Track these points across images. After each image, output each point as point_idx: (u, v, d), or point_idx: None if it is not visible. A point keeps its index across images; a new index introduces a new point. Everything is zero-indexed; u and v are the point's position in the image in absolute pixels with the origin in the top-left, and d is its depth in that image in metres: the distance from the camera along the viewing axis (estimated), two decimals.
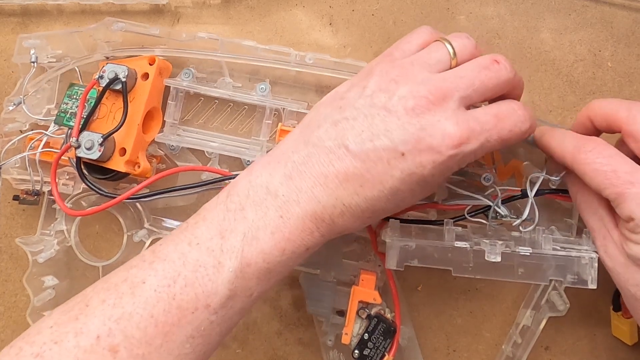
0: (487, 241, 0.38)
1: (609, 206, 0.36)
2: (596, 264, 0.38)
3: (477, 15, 0.45)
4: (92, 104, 0.43)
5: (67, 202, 0.46)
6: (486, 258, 0.38)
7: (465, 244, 0.39)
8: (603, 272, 0.38)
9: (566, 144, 0.36)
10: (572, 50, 0.45)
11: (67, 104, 0.45)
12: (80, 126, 0.42)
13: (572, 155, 0.36)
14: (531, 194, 0.40)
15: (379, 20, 0.46)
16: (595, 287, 0.38)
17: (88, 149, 0.42)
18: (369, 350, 0.43)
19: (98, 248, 0.49)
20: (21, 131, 0.47)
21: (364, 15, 0.46)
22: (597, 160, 0.34)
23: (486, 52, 0.44)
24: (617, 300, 0.43)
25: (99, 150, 0.42)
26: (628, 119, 0.35)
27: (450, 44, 0.36)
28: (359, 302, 0.43)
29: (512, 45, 0.45)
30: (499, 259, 0.38)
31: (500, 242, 0.38)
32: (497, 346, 0.46)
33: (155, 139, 0.45)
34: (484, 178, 0.43)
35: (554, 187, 0.41)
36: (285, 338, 0.48)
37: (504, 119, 0.34)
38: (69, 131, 0.44)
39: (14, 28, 0.49)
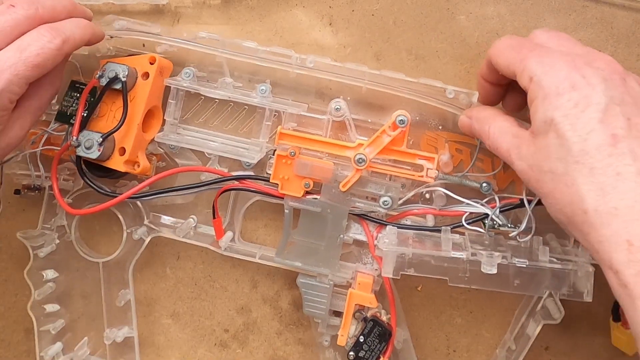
0: (484, 253, 0.38)
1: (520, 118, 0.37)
2: (592, 278, 0.38)
3: (477, 15, 0.45)
4: (92, 103, 0.43)
5: (68, 198, 0.47)
6: (482, 270, 0.38)
7: (462, 255, 0.39)
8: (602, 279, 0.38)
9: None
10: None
11: (67, 101, 0.45)
12: (79, 125, 0.42)
13: (491, 54, 0.37)
14: (529, 206, 0.39)
15: (379, 20, 0.45)
16: (590, 300, 0.38)
17: (87, 149, 0.42)
18: (364, 352, 0.43)
19: (98, 244, 0.49)
20: None
21: (364, 15, 0.46)
22: (506, 43, 0.37)
23: (486, 52, 0.44)
24: (616, 311, 0.43)
25: (99, 150, 0.42)
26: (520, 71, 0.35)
27: None
28: (356, 304, 0.44)
29: None
30: (494, 270, 0.38)
31: (496, 254, 0.38)
32: (497, 346, 0.46)
33: (155, 139, 0.45)
34: (483, 186, 0.42)
35: None
36: (285, 338, 0.48)
37: (27, 48, 0.36)
38: (70, 129, 0.44)
39: None
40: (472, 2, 0.45)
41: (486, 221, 0.41)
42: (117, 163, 0.43)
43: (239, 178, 0.45)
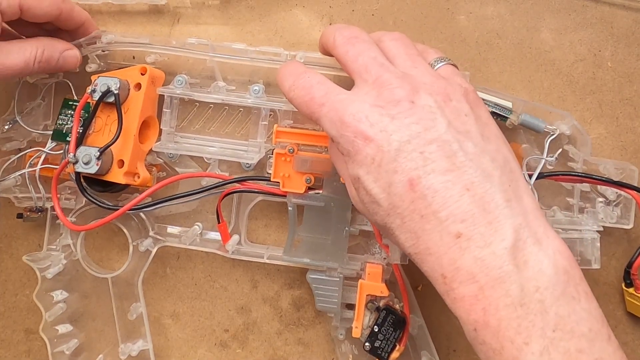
0: None
1: None
2: (598, 244, 0.38)
3: (477, 15, 0.45)
4: (87, 118, 0.43)
5: (71, 217, 0.47)
6: None
7: None
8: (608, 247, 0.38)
9: (284, 86, 0.37)
10: (572, 50, 0.45)
11: (62, 119, 0.45)
12: (76, 142, 0.42)
13: (288, 96, 0.36)
14: (530, 180, 0.40)
15: (379, 20, 0.46)
16: (598, 266, 0.38)
17: (86, 164, 0.42)
18: (379, 342, 0.43)
19: (106, 260, 0.49)
20: (19, 149, 0.47)
21: (364, 15, 0.46)
22: (299, 94, 0.35)
23: (486, 52, 0.45)
24: (628, 277, 0.43)
25: (97, 165, 0.42)
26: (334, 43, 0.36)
27: None
28: (367, 295, 0.44)
29: (512, 45, 0.45)
30: None
31: None
32: None
33: (153, 149, 0.45)
34: None
35: (551, 168, 0.42)
36: (285, 338, 0.48)
37: None
38: (67, 147, 0.44)
39: None
40: (472, 2, 0.45)
41: None
42: (116, 176, 0.43)
43: (240, 180, 0.45)
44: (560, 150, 0.41)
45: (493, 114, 0.41)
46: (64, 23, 0.43)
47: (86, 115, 0.43)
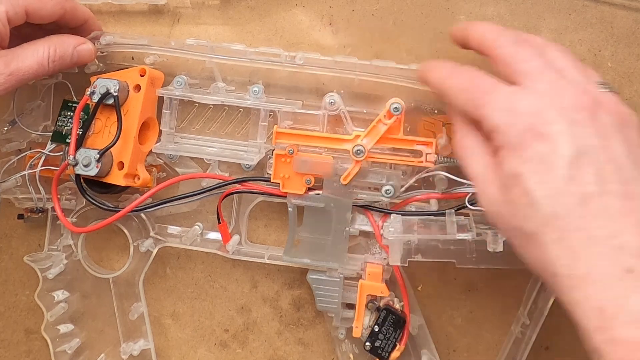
0: (489, 231, 0.39)
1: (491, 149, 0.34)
2: None
3: (477, 15, 0.45)
4: (87, 120, 0.43)
5: (72, 217, 0.47)
6: (488, 249, 0.38)
7: (467, 236, 0.39)
8: None
9: (439, 74, 0.36)
10: (572, 50, 0.44)
11: (62, 121, 0.45)
12: (75, 144, 0.42)
13: (443, 85, 0.36)
14: None
15: (379, 20, 0.46)
16: None
17: (86, 166, 0.42)
18: (380, 341, 0.44)
19: (106, 260, 0.49)
20: (19, 150, 0.47)
21: (364, 15, 0.46)
22: (460, 82, 0.35)
23: None
24: None
25: (97, 167, 0.42)
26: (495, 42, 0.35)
27: None
28: (367, 295, 0.44)
29: None
30: (501, 248, 0.38)
31: None
32: (497, 346, 0.47)
33: (153, 150, 0.45)
34: None
35: None
36: (285, 338, 0.48)
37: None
38: (66, 149, 0.44)
39: None
40: (472, 2, 0.45)
41: None
42: (116, 178, 0.43)
43: (240, 181, 0.45)
44: None
45: None
46: (68, 21, 0.42)
47: (85, 116, 0.43)
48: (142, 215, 0.47)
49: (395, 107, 0.41)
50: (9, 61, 0.37)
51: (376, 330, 0.43)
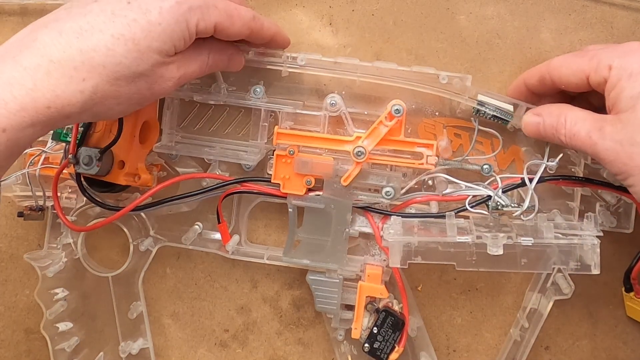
0: (489, 234, 0.39)
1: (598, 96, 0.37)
2: (598, 250, 0.38)
3: (477, 15, 0.45)
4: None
5: (72, 215, 0.47)
6: (488, 252, 0.38)
7: (467, 239, 0.39)
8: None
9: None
10: (572, 50, 0.44)
11: None
12: (76, 142, 0.42)
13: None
14: (531, 184, 0.40)
15: (379, 20, 0.46)
16: (598, 272, 0.38)
17: (86, 165, 0.42)
18: (379, 343, 0.44)
19: (106, 258, 0.49)
20: None
21: (364, 15, 0.46)
22: (565, 56, 0.39)
23: (486, 52, 0.44)
24: (628, 281, 0.43)
25: (97, 166, 0.42)
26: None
27: None
28: (367, 297, 0.44)
29: (512, 45, 0.45)
30: (500, 251, 0.38)
31: (501, 235, 0.39)
32: (497, 346, 0.47)
33: (154, 149, 0.45)
34: (484, 168, 0.43)
35: (551, 172, 0.42)
36: (285, 338, 0.48)
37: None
38: (67, 147, 0.44)
39: (14, 28, 0.49)
40: (472, 2, 0.45)
41: (489, 203, 0.41)
42: (117, 177, 0.43)
43: (240, 181, 0.45)
44: (562, 154, 0.41)
45: (494, 117, 0.41)
46: (253, 40, 0.41)
47: None
48: (142, 214, 0.47)
49: (397, 109, 0.41)
50: (180, 66, 0.37)
51: (375, 331, 0.43)
